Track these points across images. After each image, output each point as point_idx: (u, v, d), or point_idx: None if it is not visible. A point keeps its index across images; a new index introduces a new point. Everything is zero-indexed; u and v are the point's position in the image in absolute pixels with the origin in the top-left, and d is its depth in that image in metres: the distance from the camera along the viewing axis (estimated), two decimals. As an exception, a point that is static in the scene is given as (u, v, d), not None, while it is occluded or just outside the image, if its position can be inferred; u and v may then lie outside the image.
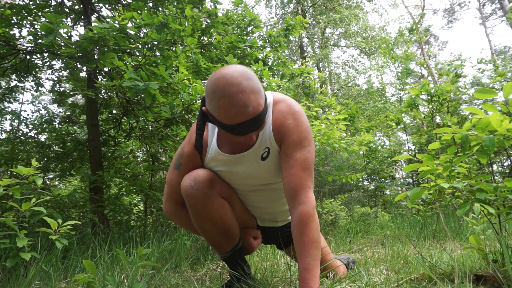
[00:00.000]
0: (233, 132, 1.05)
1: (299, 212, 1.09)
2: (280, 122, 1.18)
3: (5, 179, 1.49)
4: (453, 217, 3.45)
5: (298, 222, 1.08)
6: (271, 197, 1.35)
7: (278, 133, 1.18)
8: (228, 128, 1.04)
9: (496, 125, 1.11)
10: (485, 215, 1.38)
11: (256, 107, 1.02)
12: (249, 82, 1.01)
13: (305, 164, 1.15)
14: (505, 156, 5.83)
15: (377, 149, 5.72)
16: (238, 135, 1.06)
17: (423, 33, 9.65)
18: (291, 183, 1.13)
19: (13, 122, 5.50)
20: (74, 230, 1.76)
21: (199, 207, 1.21)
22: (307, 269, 1.01)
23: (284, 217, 1.46)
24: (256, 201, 1.37)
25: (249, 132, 1.05)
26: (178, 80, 2.44)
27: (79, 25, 4.11)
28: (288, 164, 1.15)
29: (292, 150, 1.15)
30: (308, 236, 1.06)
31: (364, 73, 13.77)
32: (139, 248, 1.19)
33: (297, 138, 1.16)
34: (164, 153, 4.63)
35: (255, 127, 1.04)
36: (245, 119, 1.01)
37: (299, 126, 1.17)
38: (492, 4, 19.26)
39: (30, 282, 1.41)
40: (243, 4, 3.84)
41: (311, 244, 1.05)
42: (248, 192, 1.34)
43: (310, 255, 1.03)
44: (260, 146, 1.20)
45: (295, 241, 1.08)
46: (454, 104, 5.20)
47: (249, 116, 1.01)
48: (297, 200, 1.11)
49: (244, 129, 1.03)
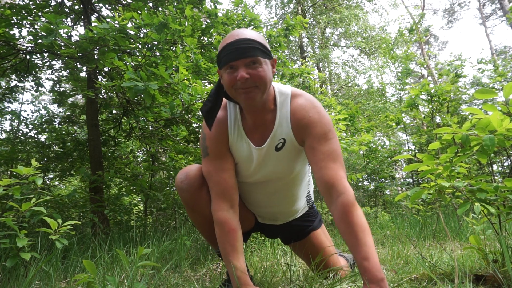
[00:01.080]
0: (223, 56, 1.07)
1: (341, 204, 1.05)
2: (301, 115, 1.17)
3: (5, 179, 1.49)
4: (453, 217, 3.45)
5: (343, 213, 1.03)
6: (277, 195, 1.33)
7: (298, 125, 1.17)
8: (220, 54, 1.09)
9: (496, 125, 1.11)
10: (485, 215, 1.38)
11: (252, 36, 1.07)
12: (254, 31, 1.09)
13: (334, 155, 1.12)
14: (505, 156, 5.82)
15: (377, 149, 5.72)
16: (227, 61, 1.06)
17: (423, 33, 9.65)
18: (325, 176, 1.09)
19: (13, 122, 5.49)
20: (74, 230, 1.76)
21: (189, 201, 1.26)
22: (367, 258, 0.95)
23: (285, 218, 1.45)
24: (260, 199, 1.36)
25: (237, 56, 1.05)
26: (178, 80, 2.44)
27: (79, 25, 4.11)
28: (317, 158, 1.12)
29: (318, 143, 1.13)
30: (357, 224, 1.01)
31: (364, 73, 13.77)
32: (139, 248, 1.19)
33: (321, 130, 1.14)
34: (164, 153, 4.63)
35: (245, 51, 1.05)
36: (235, 38, 1.06)
37: (321, 119, 1.15)
38: (492, 4, 19.26)
39: (30, 282, 1.41)
40: (243, 4, 3.84)
41: (363, 232, 1.00)
42: (255, 188, 1.32)
43: (365, 244, 0.97)
44: (275, 137, 1.19)
45: (344, 233, 1.02)
46: (454, 104, 5.20)
47: (240, 37, 1.06)
48: (335, 192, 1.07)
49: (234, 52, 1.05)
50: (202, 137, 1.26)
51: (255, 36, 1.09)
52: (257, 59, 1.07)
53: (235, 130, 1.22)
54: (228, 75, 1.08)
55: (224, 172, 1.21)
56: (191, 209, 1.29)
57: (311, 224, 1.50)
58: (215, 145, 1.22)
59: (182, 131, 3.00)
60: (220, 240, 1.16)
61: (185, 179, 1.25)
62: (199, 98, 2.68)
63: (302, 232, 1.48)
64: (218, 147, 1.22)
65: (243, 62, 1.06)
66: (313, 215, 1.53)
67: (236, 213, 1.20)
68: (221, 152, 1.22)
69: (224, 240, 1.15)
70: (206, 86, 2.96)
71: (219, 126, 1.22)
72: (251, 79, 1.06)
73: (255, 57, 1.06)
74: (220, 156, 1.22)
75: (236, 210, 1.21)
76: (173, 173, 3.44)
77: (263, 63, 1.08)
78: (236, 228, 1.17)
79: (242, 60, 1.06)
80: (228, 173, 1.21)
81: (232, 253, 1.13)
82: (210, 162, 1.22)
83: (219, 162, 1.21)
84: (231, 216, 1.18)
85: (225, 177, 1.20)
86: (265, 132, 1.21)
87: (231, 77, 1.08)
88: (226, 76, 1.09)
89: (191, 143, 3.61)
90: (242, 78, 1.05)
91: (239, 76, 1.05)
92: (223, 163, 1.22)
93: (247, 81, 1.06)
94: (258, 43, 1.07)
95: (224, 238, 1.15)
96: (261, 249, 2.32)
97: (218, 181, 1.20)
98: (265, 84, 1.09)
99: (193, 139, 3.78)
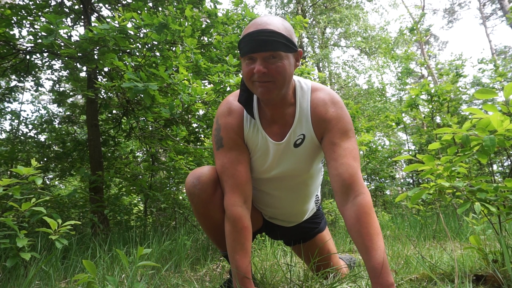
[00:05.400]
0: (243, 45, 1.02)
1: (359, 204, 1.00)
2: (322, 110, 1.12)
3: (5, 179, 1.48)
4: (453, 217, 3.45)
5: (361, 213, 0.99)
6: (291, 194, 1.29)
7: (318, 120, 1.13)
8: (241, 42, 1.03)
9: (496, 125, 1.11)
10: (485, 215, 1.38)
11: (276, 27, 1.00)
12: (282, 19, 1.04)
13: (354, 154, 1.08)
14: (505, 156, 5.82)
15: (377, 149, 5.72)
16: (246, 51, 1.02)
17: (423, 33, 9.64)
18: (345, 173, 1.04)
19: (13, 122, 5.50)
20: (74, 230, 1.76)
21: (200, 206, 1.17)
22: (380, 263, 0.93)
23: (295, 219, 1.42)
24: (273, 199, 1.31)
25: (257, 48, 1.00)
26: (177, 81, 2.44)
27: (79, 25, 4.11)
28: (336, 153, 1.07)
29: (339, 139, 1.08)
30: (374, 227, 0.98)
31: (364, 73, 13.77)
32: (139, 248, 1.18)
33: (343, 127, 1.10)
34: (164, 153, 4.63)
35: (266, 44, 0.99)
36: (258, 28, 1.00)
37: (344, 116, 1.11)
38: (492, 4, 19.25)
39: (30, 282, 1.41)
40: (243, 4, 3.83)
41: (378, 235, 0.97)
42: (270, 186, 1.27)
43: (379, 248, 0.95)
44: (295, 132, 1.15)
45: (359, 234, 0.98)
46: (454, 104, 5.20)
47: (263, 27, 1.00)
48: (354, 192, 1.03)
49: (254, 43, 0.99)
50: (216, 128, 1.19)
51: (280, 27, 1.02)
52: (277, 53, 1.01)
53: (252, 122, 1.17)
54: (246, 66, 1.04)
55: (240, 164, 1.15)
56: (201, 215, 1.21)
57: (317, 226, 1.48)
58: (231, 136, 1.16)
59: (182, 131, 3.00)
60: (230, 236, 1.10)
61: (197, 184, 1.15)
62: (199, 99, 2.68)
63: (308, 234, 1.47)
64: (233, 138, 1.16)
65: (262, 55, 1.01)
66: (319, 217, 1.51)
67: (249, 209, 1.15)
68: (237, 143, 1.16)
69: (235, 238, 1.09)
70: (206, 86, 2.96)
71: (234, 116, 1.17)
72: (268, 73, 1.02)
73: (275, 52, 1.00)
74: (236, 148, 1.16)
75: (249, 206, 1.15)
76: (173, 173, 3.44)
77: (284, 57, 1.02)
78: (248, 226, 1.11)
79: (261, 53, 1.00)
80: (244, 166, 1.15)
81: (241, 252, 1.08)
82: (225, 154, 1.15)
83: (234, 153, 1.15)
84: (245, 213, 1.12)
85: (241, 169, 1.14)
86: (284, 127, 1.16)
87: (248, 68, 1.04)
88: (244, 67, 1.05)
89: (191, 143, 3.61)
90: (258, 72, 1.01)
91: (256, 70, 1.01)
92: (239, 154, 1.16)
93: (264, 75, 1.02)
94: (281, 35, 1.00)
95: (235, 235, 1.09)
96: (261, 249, 2.32)
97: (233, 174, 1.13)
98: (283, 79, 1.04)
99: (193, 139, 3.79)
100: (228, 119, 1.17)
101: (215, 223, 1.21)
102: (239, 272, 1.06)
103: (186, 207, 4.04)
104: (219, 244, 1.29)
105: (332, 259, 1.47)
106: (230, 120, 1.17)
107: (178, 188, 4.41)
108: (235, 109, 1.18)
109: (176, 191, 4.29)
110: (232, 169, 1.14)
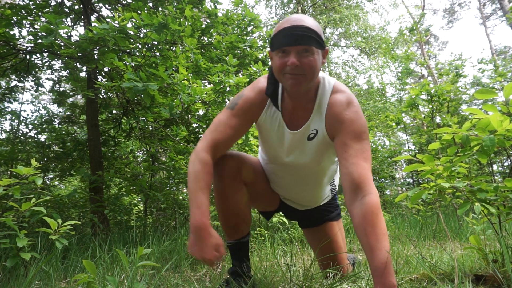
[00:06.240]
0: (277, 40, 1.08)
1: (367, 203, 1.02)
2: (337, 110, 1.17)
3: (5, 179, 1.49)
4: (453, 217, 3.45)
5: (368, 213, 1.01)
6: (305, 181, 1.37)
7: (332, 119, 1.17)
8: (275, 36, 1.09)
9: (496, 125, 1.11)
10: (485, 215, 1.38)
11: (309, 24, 1.07)
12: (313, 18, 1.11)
13: (366, 155, 1.11)
14: (505, 156, 5.82)
15: (377, 149, 5.72)
16: (281, 45, 1.07)
17: (423, 33, 9.64)
18: (354, 173, 1.07)
19: (13, 122, 5.50)
20: (74, 230, 1.76)
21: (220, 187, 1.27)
22: (385, 263, 0.94)
23: (309, 204, 1.49)
24: (288, 183, 1.40)
25: (292, 42, 1.06)
26: (177, 81, 2.44)
27: (79, 25, 4.11)
28: (347, 153, 1.11)
29: (351, 140, 1.12)
30: (381, 228, 1.00)
31: (364, 73, 13.78)
32: (139, 248, 1.18)
33: (355, 129, 1.13)
34: (164, 153, 4.63)
35: (300, 39, 1.05)
36: (293, 24, 1.06)
37: (358, 119, 1.15)
38: (492, 4, 19.25)
39: (30, 282, 1.41)
40: (243, 4, 3.84)
41: (384, 235, 0.99)
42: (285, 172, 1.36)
43: (384, 248, 0.97)
44: (310, 126, 1.21)
45: (365, 234, 1.00)
46: (454, 104, 5.20)
47: (298, 23, 1.06)
48: (362, 191, 1.05)
49: (289, 37, 1.06)
50: (239, 94, 1.26)
51: (312, 25, 1.09)
52: (310, 48, 1.08)
53: (273, 109, 1.24)
54: (279, 59, 1.10)
55: (231, 130, 1.21)
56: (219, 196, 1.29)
57: (328, 214, 1.54)
58: (245, 109, 1.23)
59: (182, 131, 3.00)
60: (197, 175, 1.13)
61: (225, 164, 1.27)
62: (199, 99, 2.68)
63: (318, 220, 1.53)
64: (245, 111, 1.23)
65: (296, 49, 1.07)
66: (333, 206, 1.57)
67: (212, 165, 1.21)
68: (244, 117, 1.23)
69: (203, 178, 1.13)
70: (206, 86, 2.96)
71: (259, 98, 1.24)
72: (300, 66, 1.08)
73: (308, 46, 1.07)
74: (240, 119, 1.22)
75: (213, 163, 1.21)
76: (173, 173, 3.44)
77: (315, 53, 1.09)
78: (212, 175, 1.19)
79: (296, 47, 1.07)
80: (232, 134, 1.22)
81: (206, 191, 1.12)
82: (228, 115, 1.22)
83: (234, 121, 1.22)
84: (212, 163, 1.18)
85: (228, 133, 1.21)
86: (301, 119, 1.23)
87: (281, 61, 1.09)
88: (276, 59, 1.11)
89: (191, 143, 3.61)
90: (292, 64, 1.07)
91: (290, 62, 1.07)
92: (237, 124, 1.22)
93: (296, 67, 1.07)
94: (314, 32, 1.08)
95: (204, 176, 1.13)
96: (261, 249, 2.32)
97: (220, 131, 1.21)
98: (313, 73, 1.10)
99: (193, 139, 3.78)
100: (253, 96, 1.24)
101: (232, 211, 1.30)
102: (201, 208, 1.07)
103: (186, 207, 4.04)
104: (226, 230, 1.35)
105: (337, 250, 1.52)
106: (253, 98, 1.24)
107: (178, 188, 4.41)
108: (261, 90, 1.25)
109: (176, 191, 4.29)
110: (222, 127, 1.21)
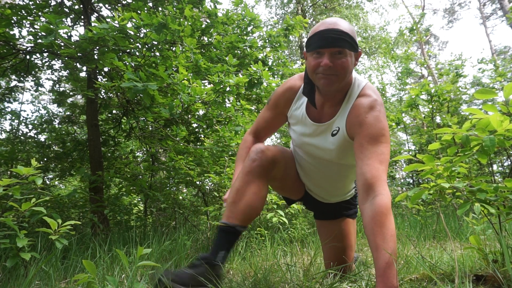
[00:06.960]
0: (312, 41, 1.15)
1: (378, 204, 1.04)
2: (358, 113, 1.21)
3: (5, 179, 1.48)
4: (453, 217, 3.45)
5: (378, 213, 1.02)
6: (328, 176, 1.43)
7: (352, 121, 1.22)
8: (311, 38, 1.16)
9: (496, 125, 1.11)
10: (485, 215, 1.38)
11: (344, 28, 1.14)
12: (347, 22, 1.16)
13: (382, 158, 1.13)
14: (505, 156, 5.83)
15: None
16: (316, 46, 1.14)
17: (423, 33, 9.64)
18: (367, 174, 1.09)
19: (13, 122, 5.50)
20: (74, 230, 1.76)
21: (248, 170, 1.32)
22: (390, 265, 0.95)
23: (329, 198, 1.54)
24: (314, 175, 1.46)
25: (326, 44, 1.12)
26: (177, 81, 2.44)
27: (78, 25, 4.11)
28: (363, 154, 1.14)
29: (367, 142, 1.15)
30: (389, 229, 1.01)
31: (364, 73, 13.76)
32: (139, 248, 1.18)
33: (373, 132, 1.16)
34: (164, 153, 4.63)
35: (334, 41, 1.12)
36: (328, 27, 1.13)
37: (377, 123, 1.17)
38: (492, 4, 19.25)
39: (30, 282, 1.41)
40: (243, 4, 3.84)
41: (392, 237, 1.00)
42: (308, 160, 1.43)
43: (390, 248, 0.97)
44: (335, 123, 1.28)
45: (374, 234, 1.01)
46: (454, 104, 5.20)
47: (333, 26, 1.13)
48: (374, 192, 1.07)
49: (324, 39, 1.13)
50: (275, 91, 1.46)
51: (347, 28, 1.15)
52: (343, 50, 1.14)
53: (302, 104, 1.36)
54: (314, 59, 1.17)
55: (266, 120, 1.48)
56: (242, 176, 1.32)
57: (347, 210, 1.58)
58: (276, 103, 1.43)
59: (182, 131, 3.00)
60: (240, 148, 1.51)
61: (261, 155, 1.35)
62: (198, 99, 2.68)
63: (337, 213, 1.58)
64: (276, 105, 1.43)
65: (330, 51, 1.14)
66: (353, 204, 1.61)
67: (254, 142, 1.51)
68: (276, 110, 1.44)
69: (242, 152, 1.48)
70: (206, 86, 2.96)
71: (289, 92, 1.40)
72: (333, 67, 1.14)
73: (342, 48, 1.13)
74: (272, 111, 1.45)
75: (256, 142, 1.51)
76: (173, 173, 3.43)
77: (348, 55, 1.15)
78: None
79: (330, 49, 1.13)
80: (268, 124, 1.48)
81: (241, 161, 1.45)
82: (265, 109, 1.49)
83: (268, 113, 1.47)
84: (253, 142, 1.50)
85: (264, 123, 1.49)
86: (327, 116, 1.31)
87: (315, 62, 1.16)
88: (311, 60, 1.18)
89: (191, 143, 3.61)
90: (325, 65, 1.14)
91: (323, 63, 1.14)
92: (270, 115, 1.46)
93: (329, 68, 1.14)
94: (348, 35, 1.14)
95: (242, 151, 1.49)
96: (261, 249, 2.32)
97: (259, 122, 1.50)
98: (344, 74, 1.17)
99: (193, 139, 3.78)
100: (281, 91, 1.42)
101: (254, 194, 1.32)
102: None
103: (186, 207, 4.04)
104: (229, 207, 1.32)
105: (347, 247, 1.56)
106: (282, 93, 1.42)
107: (178, 188, 4.41)
108: (293, 89, 1.39)
109: (176, 191, 4.29)
110: (260, 119, 1.50)
